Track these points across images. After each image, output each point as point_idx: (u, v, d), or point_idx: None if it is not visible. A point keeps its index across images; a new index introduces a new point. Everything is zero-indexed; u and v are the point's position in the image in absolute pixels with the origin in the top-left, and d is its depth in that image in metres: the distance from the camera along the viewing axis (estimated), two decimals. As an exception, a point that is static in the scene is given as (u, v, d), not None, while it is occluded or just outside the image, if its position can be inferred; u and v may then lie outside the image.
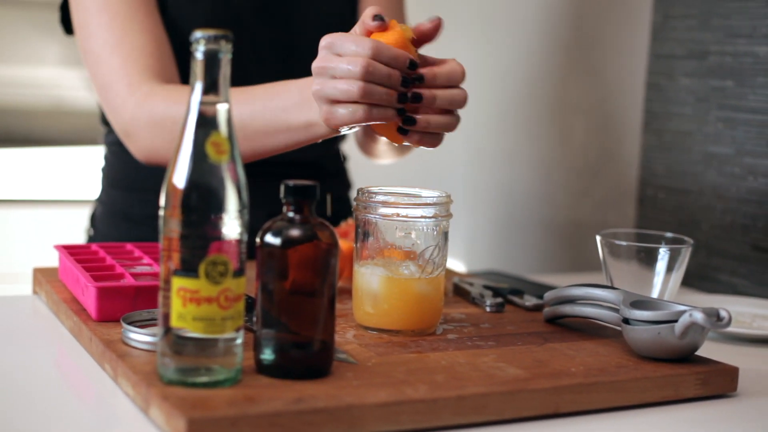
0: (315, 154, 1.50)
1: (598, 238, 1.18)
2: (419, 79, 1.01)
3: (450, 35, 1.28)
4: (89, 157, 2.28)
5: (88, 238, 1.53)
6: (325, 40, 1.02)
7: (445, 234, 1.06)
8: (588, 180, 1.87)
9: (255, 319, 0.88)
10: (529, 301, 1.19)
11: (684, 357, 0.98)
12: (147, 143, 1.25)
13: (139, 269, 1.14)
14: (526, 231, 1.96)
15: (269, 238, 0.87)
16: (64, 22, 1.40)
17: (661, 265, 1.14)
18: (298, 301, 0.87)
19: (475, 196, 2.01)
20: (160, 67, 1.28)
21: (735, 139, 1.52)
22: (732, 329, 1.18)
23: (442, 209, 1.05)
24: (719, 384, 0.97)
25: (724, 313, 0.96)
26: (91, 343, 0.98)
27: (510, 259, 1.96)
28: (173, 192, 0.82)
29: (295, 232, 0.87)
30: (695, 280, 1.57)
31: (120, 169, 1.47)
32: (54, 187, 2.40)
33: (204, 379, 0.83)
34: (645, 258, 1.14)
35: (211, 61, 0.84)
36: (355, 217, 1.06)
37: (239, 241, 0.84)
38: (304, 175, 1.43)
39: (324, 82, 1.01)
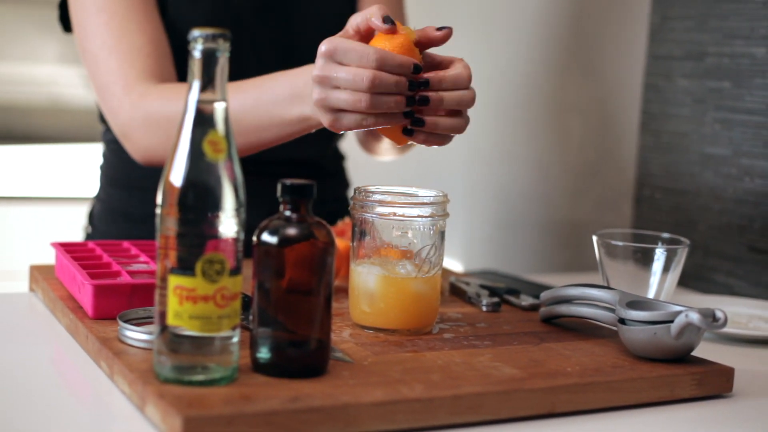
0: (313, 154, 1.50)
1: (595, 238, 1.18)
2: (425, 84, 0.99)
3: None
4: (87, 154, 2.27)
5: (86, 235, 1.52)
6: (325, 47, 0.99)
7: (442, 233, 1.06)
8: (585, 180, 1.88)
9: (251, 317, 0.88)
10: (526, 300, 1.19)
11: (680, 357, 0.98)
12: (144, 143, 1.25)
13: (135, 267, 1.14)
14: (523, 230, 1.96)
15: (266, 237, 0.87)
16: (63, 19, 1.40)
17: (657, 265, 1.14)
18: (294, 300, 0.87)
19: (472, 195, 2.01)
20: (157, 67, 1.28)
21: (732, 140, 1.52)
22: (728, 330, 1.18)
23: (439, 209, 1.05)
24: (715, 384, 0.97)
25: (719, 314, 0.96)
26: (88, 341, 0.98)
27: (507, 258, 1.96)
28: (170, 190, 0.83)
29: (291, 231, 0.87)
30: (692, 281, 1.57)
31: (118, 168, 1.47)
32: (52, 185, 2.39)
33: (200, 377, 0.83)
34: (641, 258, 1.15)
35: (208, 60, 0.84)
36: (351, 216, 1.06)
37: (236, 240, 0.84)
38: (302, 174, 1.42)
39: (327, 92, 0.99)
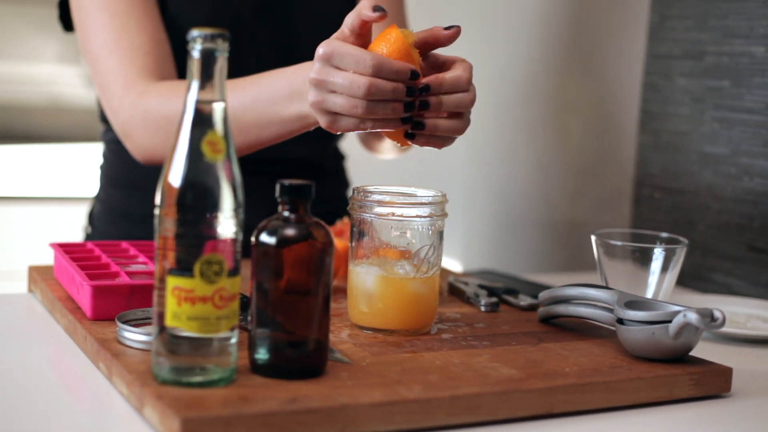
0: (313, 153, 1.50)
1: (593, 237, 1.18)
2: (425, 89, 0.99)
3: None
4: (87, 154, 2.27)
5: (86, 236, 1.52)
6: (322, 50, 0.98)
7: (441, 233, 1.06)
8: (584, 180, 1.88)
9: (250, 318, 0.88)
10: (524, 300, 1.19)
11: (678, 357, 0.99)
12: (144, 142, 1.25)
13: (134, 268, 1.14)
14: (522, 230, 1.96)
15: (264, 237, 0.87)
16: (63, 19, 1.40)
17: (656, 265, 1.14)
18: (293, 301, 0.87)
19: (471, 195, 2.01)
20: (157, 66, 1.28)
21: (731, 140, 1.52)
22: (726, 329, 1.18)
23: (438, 209, 1.05)
24: (713, 384, 0.97)
25: (718, 314, 0.96)
26: (86, 342, 0.98)
27: (506, 258, 1.96)
28: (169, 191, 0.83)
29: (290, 232, 0.87)
30: (690, 280, 1.57)
31: (119, 168, 1.47)
32: (52, 185, 2.39)
33: (198, 378, 0.83)
34: (640, 258, 1.15)
35: (207, 60, 0.84)
36: (350, 216, 1.06)
37: (234, 241, 0.84)
38: (302, 174, 1.42)
39: (324, 95, 0.99)
